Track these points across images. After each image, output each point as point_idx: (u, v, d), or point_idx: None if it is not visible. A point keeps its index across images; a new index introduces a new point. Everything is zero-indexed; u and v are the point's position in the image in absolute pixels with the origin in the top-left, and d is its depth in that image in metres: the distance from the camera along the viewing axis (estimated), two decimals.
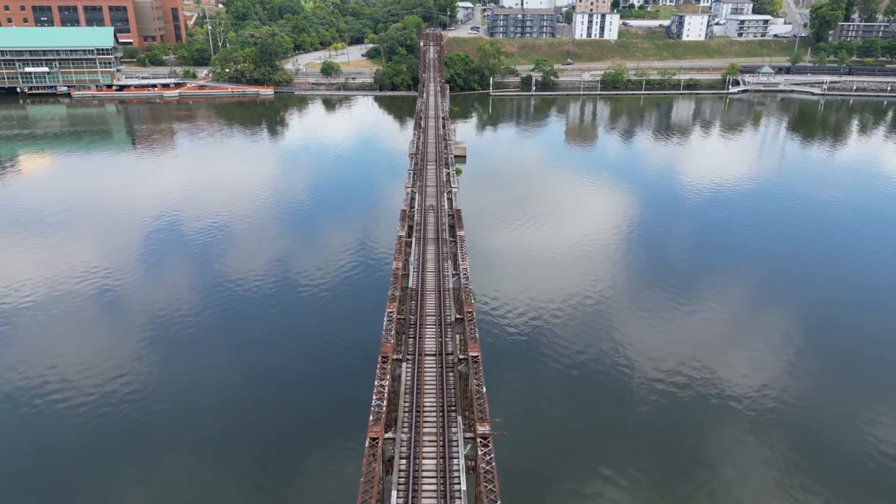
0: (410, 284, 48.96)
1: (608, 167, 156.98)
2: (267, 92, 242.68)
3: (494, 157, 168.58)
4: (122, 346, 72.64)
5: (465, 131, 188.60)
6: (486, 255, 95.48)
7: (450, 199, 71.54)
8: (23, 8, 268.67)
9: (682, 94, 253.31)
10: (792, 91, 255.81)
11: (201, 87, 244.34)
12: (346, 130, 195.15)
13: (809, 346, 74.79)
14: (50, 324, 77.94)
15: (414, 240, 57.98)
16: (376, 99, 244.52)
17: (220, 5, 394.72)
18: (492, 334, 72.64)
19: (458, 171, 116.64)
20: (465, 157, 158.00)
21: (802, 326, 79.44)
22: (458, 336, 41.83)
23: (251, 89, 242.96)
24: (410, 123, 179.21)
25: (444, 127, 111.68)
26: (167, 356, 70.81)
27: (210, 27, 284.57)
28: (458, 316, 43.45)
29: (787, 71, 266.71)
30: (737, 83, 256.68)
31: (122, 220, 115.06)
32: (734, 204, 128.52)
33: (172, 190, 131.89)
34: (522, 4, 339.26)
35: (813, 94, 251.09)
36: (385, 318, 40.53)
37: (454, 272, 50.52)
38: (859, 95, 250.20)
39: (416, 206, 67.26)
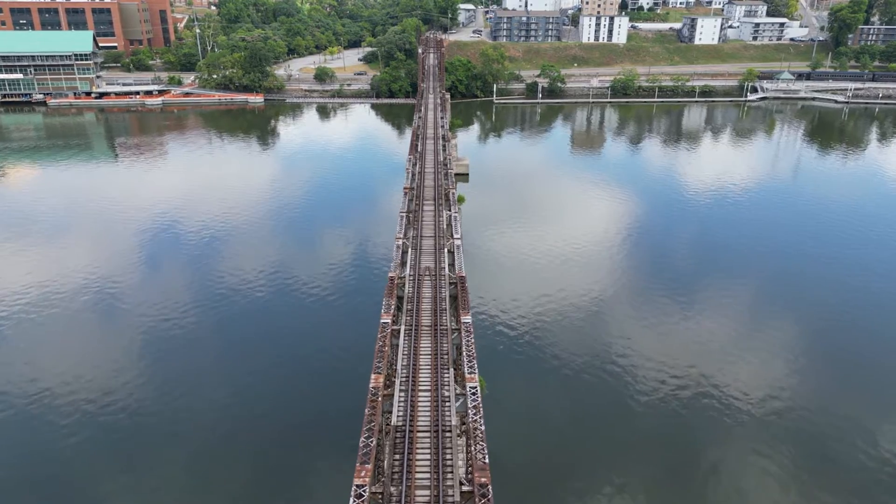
0: (395, 416, 34.51)
1: (623, 183, 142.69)
2: (257, 100, 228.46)
3: (499, 173, 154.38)
4: (118, 352, 72.37)
5: (467, 144, 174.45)
6: (490, 272, 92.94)
7: (451, 253, 57.37)
8: (0, 10, 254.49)
9: (696, 101, 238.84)
10: (814, 98, 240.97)
11: (187, 94, 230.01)
12: (341, 141, 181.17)
13: (816, 353, 74.18)
14: (45, 330, 77.45)
15: (403, 328, 43.56)
16: (373, 107, 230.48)
17: (212, 7, 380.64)
18: (493, 340, 73.20)
19: (461, 200, 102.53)
20: (467, 174, 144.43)
21: (809, 332, 78.90)
22: None
23: (240, 97, 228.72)
24: (408, 132, 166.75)
25: (444, 149, 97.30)
26: (161, 361, 70.57)
27: (198, 30, 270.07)
28: (465, 487, 29.14)
29: (808, 77, 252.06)
30: (755, 90, 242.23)
31: (108, 231, 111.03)
32: (748, 214, 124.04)
33: (154, 205, 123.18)
34: (526, 6, 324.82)
35: (836, 101, 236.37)
36: (352, 497, 26.29)
37: (459, 391, 36.33)
38: (885, 103, 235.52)
39: (408, 268, 53.03)
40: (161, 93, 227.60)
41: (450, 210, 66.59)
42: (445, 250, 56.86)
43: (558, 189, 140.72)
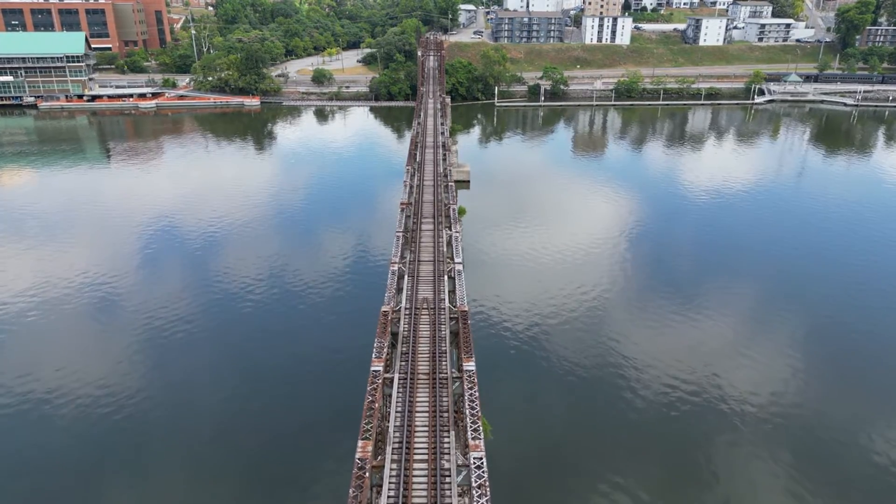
0: (385, 498, 29.21)
1: (628, 187, 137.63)
2: (253, 102, 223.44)
3: (501, 179, 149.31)
4: (117, 354, 72.20)
5: (467, 148, 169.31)
6: (492, 280, 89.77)
7: (451, 279, 52.41)
8: None
9: (702, 104, 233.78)
10: (822, 101, 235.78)
11: (181, 97, 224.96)
12: (339, 145, 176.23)
13: (820, 354, 73.44)
14: (42, 336, 76.77)
15: (397, 377, 38.45)
16: (372, 109, 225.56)
17: (210, 7, 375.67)
18: (495, 343, 72.72)
19: (462, 212, 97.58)
20: (468, 181, 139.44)
21: (813, 334, 78.18)
22: None
23: (235, 99, 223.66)
24: (408, 135, 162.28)
25: (444, 159, 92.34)
26: (160, 364, 70.46)
27: (194, 31, 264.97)
28: None
29: (815, 79, 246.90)
30: (762, 92, 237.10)
31: (102, 236, 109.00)
32: (754, 217, 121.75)
33: (146, 211, 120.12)
34: (528, 7, 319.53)
35: (846, 104, 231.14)
36: None
37: (461, 460, 31.20)
38: (895, 106, 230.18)
39: (404, 300, 48.07)
40: (155, 95, 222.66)
41: (450, 229, 61.64)
42: (445, 277, 51.89)
43: (562, 195, 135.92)
